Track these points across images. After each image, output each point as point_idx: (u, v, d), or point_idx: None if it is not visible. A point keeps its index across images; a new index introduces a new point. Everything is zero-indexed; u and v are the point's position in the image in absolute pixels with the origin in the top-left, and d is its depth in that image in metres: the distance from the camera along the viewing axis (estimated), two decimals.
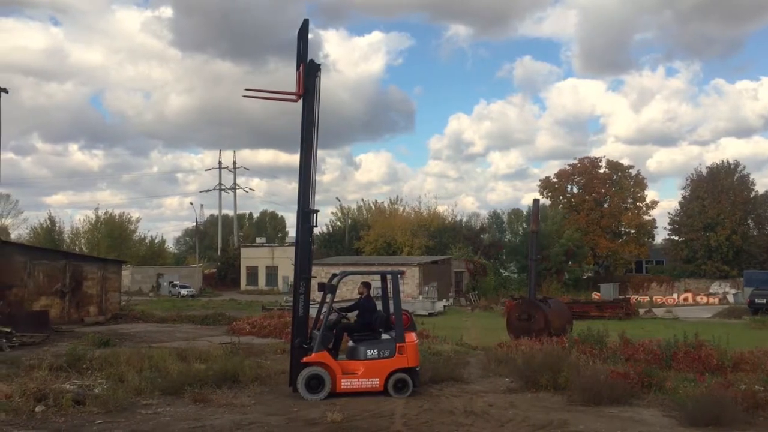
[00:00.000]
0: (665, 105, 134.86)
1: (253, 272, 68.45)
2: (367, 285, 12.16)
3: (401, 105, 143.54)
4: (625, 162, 74.29)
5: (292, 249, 12.52)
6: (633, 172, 63.94)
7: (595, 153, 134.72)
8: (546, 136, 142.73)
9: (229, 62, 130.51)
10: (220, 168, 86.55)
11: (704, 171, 58.99)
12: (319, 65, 11.67)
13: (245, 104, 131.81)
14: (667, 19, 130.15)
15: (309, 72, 11.52)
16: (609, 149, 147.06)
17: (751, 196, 57.37)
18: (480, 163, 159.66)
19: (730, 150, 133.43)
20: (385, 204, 74.38)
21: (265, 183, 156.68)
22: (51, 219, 71.86)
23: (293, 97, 11.86)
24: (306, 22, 11.81)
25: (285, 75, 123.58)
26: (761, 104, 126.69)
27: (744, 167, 58.41)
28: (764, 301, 37.04)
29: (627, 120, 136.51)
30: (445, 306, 41.10)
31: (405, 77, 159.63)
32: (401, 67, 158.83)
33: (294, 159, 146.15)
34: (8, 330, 18.70)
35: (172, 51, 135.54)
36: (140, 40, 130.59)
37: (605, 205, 62.45)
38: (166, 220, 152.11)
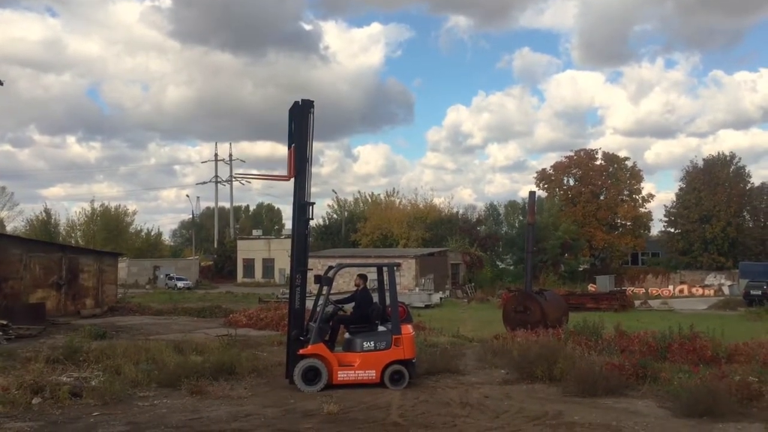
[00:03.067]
0: (664, 97, 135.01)
1: (249, 265, 68.46)
2: (363, 277, 12.18)
3: (400, 97, 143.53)
4: (623, 154, 74.47)
5: (289, 241, 12.55)
6: (629, 164, 64.10)
7: (593, 145, 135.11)
8: (545, 128, 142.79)
9: (229, 54, 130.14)
10: (216, 160, 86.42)
11: (700, 163, 59.12)
12: (312, 102, 11.69)
13: (244, 96, 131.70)
14: (668, 11, 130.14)
15: (303, 108, 11.53)
16: (607, 141, 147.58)
17: (747, 188, 57.46)
18: (478, 155, 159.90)
19: (728, 142, 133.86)
20: (382, 196, 74.52)
21: None
22: (47, 211, 71.69)
23: (285, 177, 11.94)
24: (296, 104, 11.72)
25: (284, 67, 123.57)
26: (760, 96, 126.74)
27: (740, 159, 58.52)
28: (759, 292, 37.17)
29: (625, 112, 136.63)
30: (441, 298, 41.17)
31: (404, 69, 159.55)
32: (400, 59, 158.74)
33: None
34: (4, 322, 18.69)
35: (171, 42, 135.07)
36: (138, 31, 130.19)
37: (601, 198, 62.48)
38: (162, 212, 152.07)
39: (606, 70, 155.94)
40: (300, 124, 11.52)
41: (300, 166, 11.57)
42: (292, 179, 11.65)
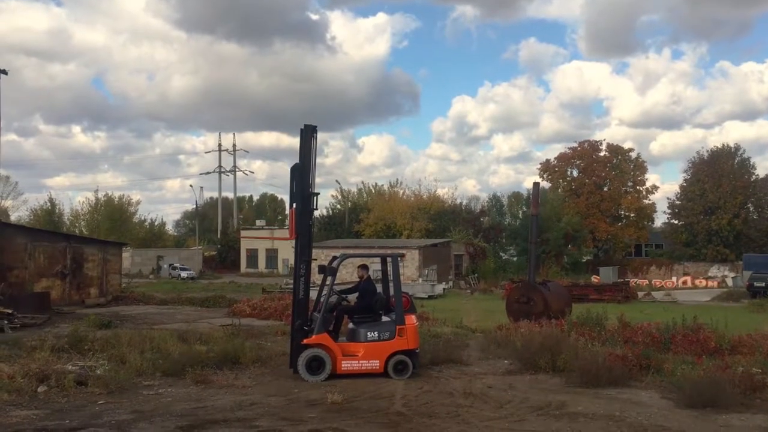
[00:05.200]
0: (670, 88, 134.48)
1: (253, 255, 68.53)
2: (364, 267, 12.21)
3: (406, 88, 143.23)
4: (629, 145, 74.30)
5: None
6: (633, 155, 63.97)
7: (598, 136, 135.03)
8: (550, 119, 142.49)
9: (234, 44, 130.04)
10: (220, 150, 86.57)
11: (705, 155, 58.87)
12: (315, 127, 11.76)
13: (249, 86, 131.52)
14: (675, 1, 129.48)
15: (306, 134, 11.60)
16: (612, 132, 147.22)
17: (752, 179, 57.27)
18: (483, 146, 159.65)
19: (734, 133, 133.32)
20: (385, 187, 74.53)
21: (268, 165, 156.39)
22: (51, 201, 71.84)
23: (287, 238, 12.08)
24: (295, 166, 11.73)
25: (290, 57, 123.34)
26: (767, 87, 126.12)
27: (744, 151, 58.41)
28: (763, 284, 37.17)
29: (631, 103, 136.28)
30: (444, 289, 41.24)
31: (410, 59, 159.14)
32: (406, 50, 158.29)
33: (295, 142, 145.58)
34: (10, 311, 18.76)
35: (176, 32, 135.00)
36: (144, 20, 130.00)
37: (605, 189, 62.42)
38: (167, 202, 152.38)
39: (612, 61, 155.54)
40: (304, 146, 11.60)
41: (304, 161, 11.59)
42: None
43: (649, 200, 63.04)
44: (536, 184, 25.14)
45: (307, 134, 11.64)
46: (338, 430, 8.07)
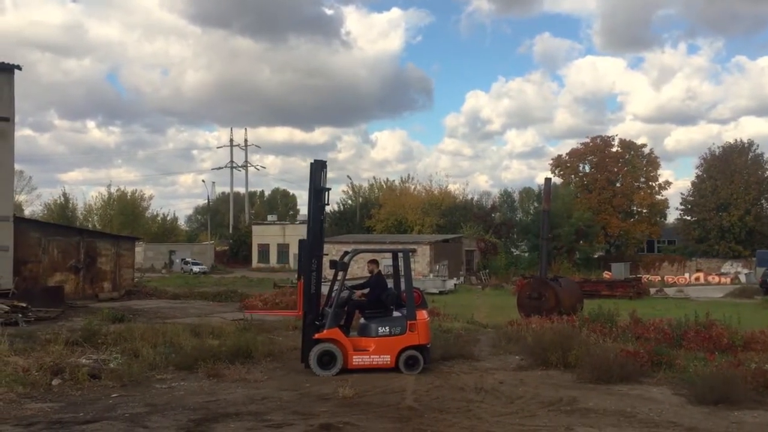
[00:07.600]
0: (686, 83, 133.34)
1: (264, 250, 68.73)
2: (375, 262, 12.23)
3: (419, 83, 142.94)
4: (643, 140, 73.72)
5: (304, 227, 12.65)
6: (646, 150, 63.55)
7: (612, 131, 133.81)
8: (564, 114, 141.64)
9: (249, 39, 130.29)
10: (232, 145, 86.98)
11: (717, 150, 58.41)
12: (325, 162, 11.86)
13: (263, 81, 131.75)
14: None
15: (316, 169, 11.63)
16: (627, 127, 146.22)
17: (765, 175, 56.76)
18: (496, 141, 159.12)
19: (749, 129, 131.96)
20: (397, 182, 74.52)
21: (280, 161, 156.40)
22: (65, 195, 72.38)
23: (295, 312, 12.53)
24: (303, 241, 11.80)
25: (304, 52, 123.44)
26: None
27: (758, 146, 57.82)
28: None
29: (646, 98, 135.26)
30: (455, 284, 41.22)
31: (423, 54, 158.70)
32: (420, 44, 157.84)
33: (308, 137, 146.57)
34: (24, 305, 18.91)
35: (191, 27, 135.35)
36: (158, 15, 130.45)
37: (617, 185, 62.05)
38: (180, 197, 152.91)
39: (627, 56, 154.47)
40: (314, 180, 11.63)
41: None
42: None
43: (662, 196, 62.70)
44: (548, 180, 25.03)
45: (317, 169, 11.68)
46: (349, 424, 8.11)
